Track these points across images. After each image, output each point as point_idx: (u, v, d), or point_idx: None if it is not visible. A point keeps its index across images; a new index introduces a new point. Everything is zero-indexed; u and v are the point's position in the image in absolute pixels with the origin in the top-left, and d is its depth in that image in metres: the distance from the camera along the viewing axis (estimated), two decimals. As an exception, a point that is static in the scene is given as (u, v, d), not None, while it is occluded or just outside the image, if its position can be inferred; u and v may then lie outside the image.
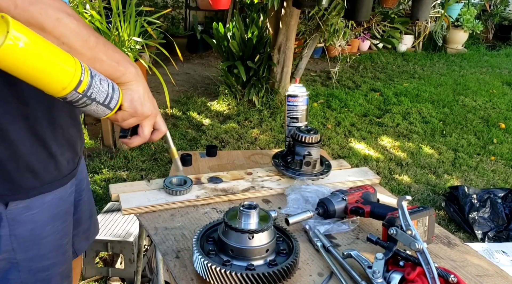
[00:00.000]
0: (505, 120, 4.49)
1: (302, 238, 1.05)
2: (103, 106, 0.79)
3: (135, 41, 3.04)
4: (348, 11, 3.45)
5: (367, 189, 1.16)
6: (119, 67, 0.80)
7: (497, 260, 2.14)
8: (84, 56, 0.76)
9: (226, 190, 1.23)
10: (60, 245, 1.02)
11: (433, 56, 7.09)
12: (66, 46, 0.73)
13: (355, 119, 4.29)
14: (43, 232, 0.96)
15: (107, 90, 0.78)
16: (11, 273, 0.96)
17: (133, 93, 0.83)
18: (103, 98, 0.78)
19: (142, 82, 0.84)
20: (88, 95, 0.76)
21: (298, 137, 1.28)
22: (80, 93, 0.74)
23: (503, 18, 8.28)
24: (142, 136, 0.89)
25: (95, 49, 0.76)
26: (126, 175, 3.01)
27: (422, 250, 0.87)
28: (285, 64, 4.25)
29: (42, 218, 0.96)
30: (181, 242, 1.01)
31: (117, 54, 0.80)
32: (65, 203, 1.02)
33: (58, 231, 1.00)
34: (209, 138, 3.64)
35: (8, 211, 0.90)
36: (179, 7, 6.42)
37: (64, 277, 1.06)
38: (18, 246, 0.94)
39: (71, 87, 0.72)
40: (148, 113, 0.86)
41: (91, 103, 0.77)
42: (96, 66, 0.78)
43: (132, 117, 0.85)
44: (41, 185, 0.93)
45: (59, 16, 0.71)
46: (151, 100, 0.87)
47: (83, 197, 1.18)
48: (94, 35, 0.77)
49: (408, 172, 3.34)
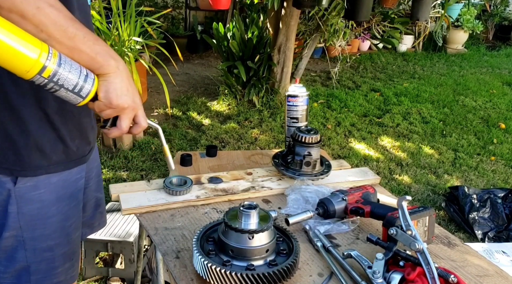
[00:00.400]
0: (505, 120, 4.49)
1: (302, 238, 1.05)
2: (73, 94, 0.83)
3: (135, 41, 3.05)
4: (348, 11, 3.45)
5: (367, 189, 1.16)
6: (98, 59, 0.84)
7: (497, 260, 2.14)
8: (63, 45, 0.80)
9: (226, 190, 1.23)
10: (64, 226, 1.06)
11: (433, 56, 7.09)
12: (45, 34, 0.77)
13: (355, 120, 4.29)
14: (48, 212, 1.01)
15: (77, 79, 0.82)
16: (18, 252, 1.01)
17: (109, 84, 0.86)
18: (72, 85, 0.82)
19: (122, 75, 0.87)
20: (55, 81, 0.80)
21: (298, 138, 1.28)
22: (46, 78, 0.79)
23: (503, 18, 8.28)
24: (119, 128, 0.92)
25: (73, 40, 0.80)
26: (126, 175, 3.01)
27: (422, 250, 0.87)
28: (285, 65, 4.26)
29: (49, 197, 1.00)
30: (181, 242, 1.01)
31: (98, 46, 0.84)
32: (71, 187, 1.06)
33: (63, 213, 1.05)
34: (209, 139, 3.64)
35: (17, 189, 0.96)
36: (179, 7, 6.42)
37: (67, 259, 1.10)
38: (25, 224, 0.99)
39: (35, 71, 0.77)
40: (124, 106, 0.88)
41: (59, 89, 0.82)
42: (74, 56, 0.82)
43: (107, 108, 0.88)
44: (48, 164, 0.99)
45: (40, 5, 0.75)
46: (130, 94, 0.89)
47: (90, 185, 1.22)
48: (74, 26, 0.80)
49: (408, 172, 3.34)
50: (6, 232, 0.99)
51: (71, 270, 1.12)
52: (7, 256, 1.02)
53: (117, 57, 0.87)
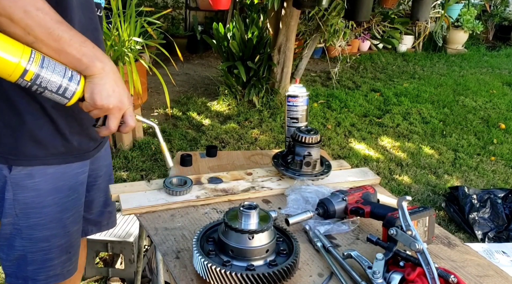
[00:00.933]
0: (505, 120, 4.49)
1: (302, 239, 1.05)
2: (58, 95, 0.86)
3: (135, 42, 3.04)
4: (348, 11, 3.45)
5: (367, 189, 1.16)
6: (83, 60, 0.86)
7: (497, 260, 2.14)
8: (49, 47, 0.82)
9: (226, 190, 1.23)
10: (60, 218, 1.09)
11: (433, 57, 7.09)
12: (32, 37, 0.81)
13: (355, 120, 4.29)
14: (44, 201, 1.04)
15: (60, 81, 0.85)
16: (16, 240, 1.05)
17: (94, 86, 0.88)
18: (56, 87, 0.85)
19: (108, 76, 0.89)
20: (38, 84, 0.83)
21: (298, 138, 1.27)
22: (28, 81, 0.82)
23: (503, 19, 8.28)
24: (107, 127, 0.94)
25: (59, 42, 0.83)
26: (126, 175, 3.01)
27: (422, 250, 0.87)
28: (285, 65, 4.26)
29: (45, 187, 1.04)
30: (181, 242, 1.01)
31: (84, 48, 0.86)
32: (71, 179, 1.09)
33: (60, 204, 1.08)
34: (209, 139, 3.64)
35: (12, 176, 1.00)
36: (179, 8, 6.42)
37: (63, 251, 1.12)
38: (21, 212, 1.03)
39: (17, 74, 0.80)
40: (110, 107, 0.90)
41: (44, 91, 0.85)
42: (61, 57, 0.84)
43: (93, 108, 0.90)
44: (45, 156, 1.02)
45: (27, 9, 0.78)
46: (116, 95, 0.90)
47: (98, 184, 1.24)
48: (60, 29, 0.82)
49: (408, 172, 3.34)
50: (4, 219, 1.03)
51: (68, 264, 1.14)
52: (8, 244, 1.06)
53: (104, 59, 0.89)
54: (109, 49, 2.99)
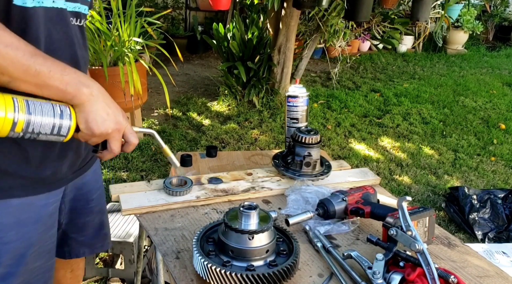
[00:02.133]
0: (505, 121, 4.49)
1: (302, 239, 1.05)
2: (54, 136, 0.81)
3: (135, 42, 3.04)
4: (348, 11, 3.45)
5: (367, 189, 1.16)
6: (69, 90, 0.79)
7: (497, 261, 2.14)
8: (29, 84, 0.76)
9: (226, 191, 1.23)
10: (21, 254, 0.96)
11: (433, 57, 7.09)
12: (7, 77, 0.74)
13: (355, 120, 4.29)
14: (5, 237, 0.92)
15: (52, 121, 0.79)
16: None
17: (87, 114, 0.83)
18: (49, 129, 0.79)
19: (97, 100, 0.83)
20: (30, 131, 0.77)
21: (298, 138, 1.28)
22: (19, 132, 0.75)
23: (503, 19, 8.28)
24: (110, 151, 0.90)
25: (38, 76, 0.76)
26: (126, 175, 3.01)
27: (422, 250, 0.87)
28: (285, 65, 4.26)
29: (6, 221, 0.92)
30: (181, 242, 1.01)
31: (66, 76, 0.79)
32: (37, 212, 0.97)
33: (24, 240, 0.95)
34: (209, 139, 3.64)
35: None
36: (179, 8, 6.42)
37: None
38: None
39: (7, 129, 0.74)
40: (108, 131, 0.86)
41: (38, 136, 0.79)
42: (44, 92, 0.78)
43: (92, 137, 0.85)
44: (9, 187, 0.90)
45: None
46: (111, 117, 0.85)
47: (91, 207, 1.17)
48: (36, 62, 0.75)
49: (408, 172, 3.34)
50: None
51: None
52: None
53: (89, 82, 0.83)
54: (109, 49, 3.00)
